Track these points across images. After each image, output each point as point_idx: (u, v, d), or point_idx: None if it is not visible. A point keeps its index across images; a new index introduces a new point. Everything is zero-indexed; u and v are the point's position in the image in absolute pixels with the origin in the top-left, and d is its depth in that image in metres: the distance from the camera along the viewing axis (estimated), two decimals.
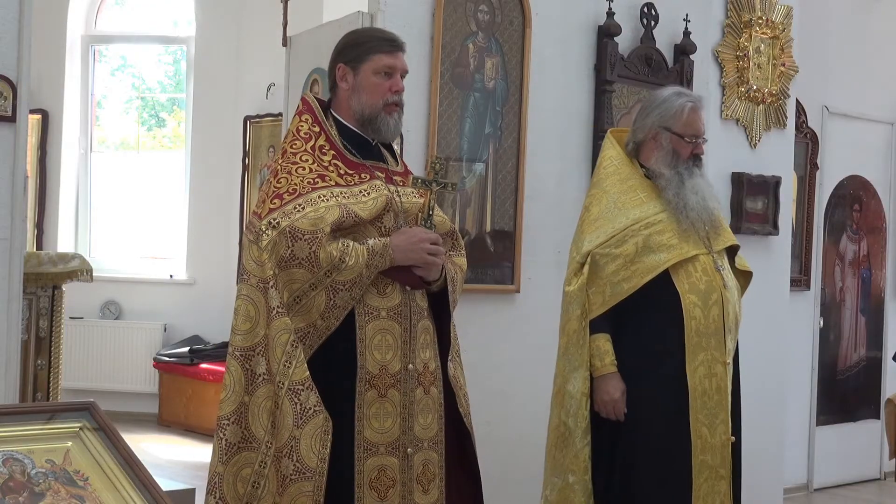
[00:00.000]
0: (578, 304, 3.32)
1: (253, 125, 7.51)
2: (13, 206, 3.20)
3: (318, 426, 2.56)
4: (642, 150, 3.46)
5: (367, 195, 2.72)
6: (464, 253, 2.99)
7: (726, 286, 3.36)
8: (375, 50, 2.80)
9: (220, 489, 2.62)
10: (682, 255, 3.31)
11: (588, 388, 3.31)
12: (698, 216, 3.35)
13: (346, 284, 2.61)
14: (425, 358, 2.77)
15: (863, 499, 6.15)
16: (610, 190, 3.41)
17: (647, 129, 3.42)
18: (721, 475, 3.33)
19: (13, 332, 3.24)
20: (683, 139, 3.38)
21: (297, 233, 2.58)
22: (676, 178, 3.36)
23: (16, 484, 1.77)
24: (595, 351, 3.30)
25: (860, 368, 6.53)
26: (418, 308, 2.77)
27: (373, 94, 2.78)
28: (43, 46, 7.11)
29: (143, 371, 7.52)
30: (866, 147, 6.60)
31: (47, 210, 7.70)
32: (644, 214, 3.34)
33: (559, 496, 3.36)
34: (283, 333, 2.58)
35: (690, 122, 3.38)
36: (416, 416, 2.73)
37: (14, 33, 3.20)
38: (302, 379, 2.57)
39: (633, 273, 3.29)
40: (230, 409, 2.62)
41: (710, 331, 3.31)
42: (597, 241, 3.34)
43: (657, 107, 3.42)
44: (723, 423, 3.33)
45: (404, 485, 2.71)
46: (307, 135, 2.76)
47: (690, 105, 3.39)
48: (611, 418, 3.31)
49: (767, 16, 5.25)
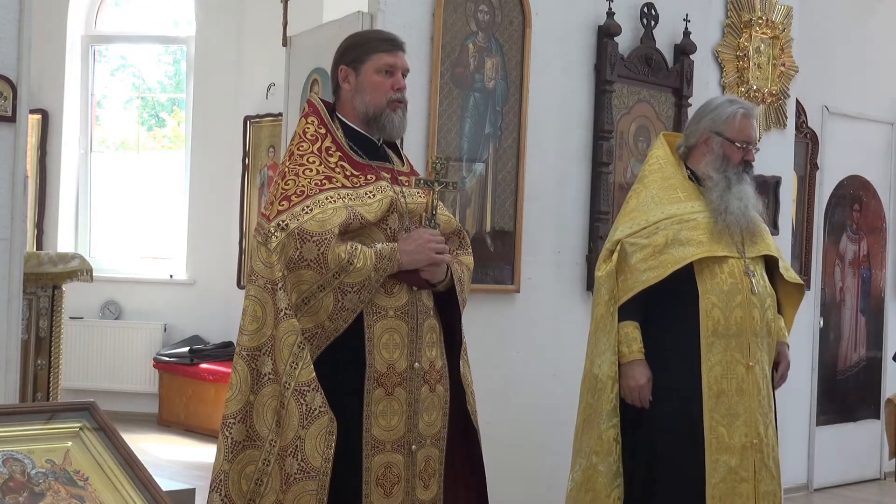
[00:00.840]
0: (607, 290, 3.40)
1: (253, 125, 7.51)
2: (13, 206, 3.20)
3: (322, 427, 2.59)
4: (693, 154, 3.53)
5: (372, 197, 2.74)
6: (470, 251, 3.03)
7: (754, 291, 3.39)
8: (376, 49, 2.83)
9: (226, 486, 2.65)
10: (710, 252, 3.36)
11: (615, 372, 3.36)
12: (736, 221, 3.40)
13: (354, 287, 2.63)
14: (431, 356, 2.80)
15: (863, 499, 6.15)
16: (650, 186, 3.50)
17: (699, 134, 3.49)
18: (742, 477, 3.34)
19: (13, 332, 3.24)
20: (735, 144, 3.44)
21: (305, 234, 2.60)
22: (724, 182, 3.42)
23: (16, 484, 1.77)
24: (623, 337, 3.37)
25: (860, 368, 6.53)
26: (425, 307, 2.80)
27: (375, 92, 2.81)
28: (43, 46, 7.13)
29: (143, 371, 7.52)
30: (866, 147, 6.60)
31: (47, 210, 7.70)
32: (680, 211, 3.41)
33: (583, 476, 3.42)
34: (290, 335, 2.60)
35: (742, 127, 3.45)
36: (420, 413, 2.76)
37: (14, 33, 3.20)
38: (308, 380, 2.60)
39: (660, 263, 3.35)
40: (236, 408, 2.65)
41: (731, 332, 3.35)
42: (628, 230, 3.43)
43: (709, 112, 3.50)
44: (744, 425, 3.35)
45: (407, 481, 2.75)
46: (313, 136, 2.79)
47: (742, 111, 3.47)
48: (636, 405, 3.37)
49: (767, 16, 5.25)
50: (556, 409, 4.42)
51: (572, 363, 3.99)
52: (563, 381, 4.36)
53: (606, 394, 3.36)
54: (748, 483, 3.36)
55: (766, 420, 3.42)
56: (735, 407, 3.35)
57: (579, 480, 3.43)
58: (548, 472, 4.38)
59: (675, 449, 3.35)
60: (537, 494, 4.43)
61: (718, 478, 3.32)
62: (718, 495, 3.32)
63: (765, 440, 3.41)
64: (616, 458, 3.35)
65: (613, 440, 3.36)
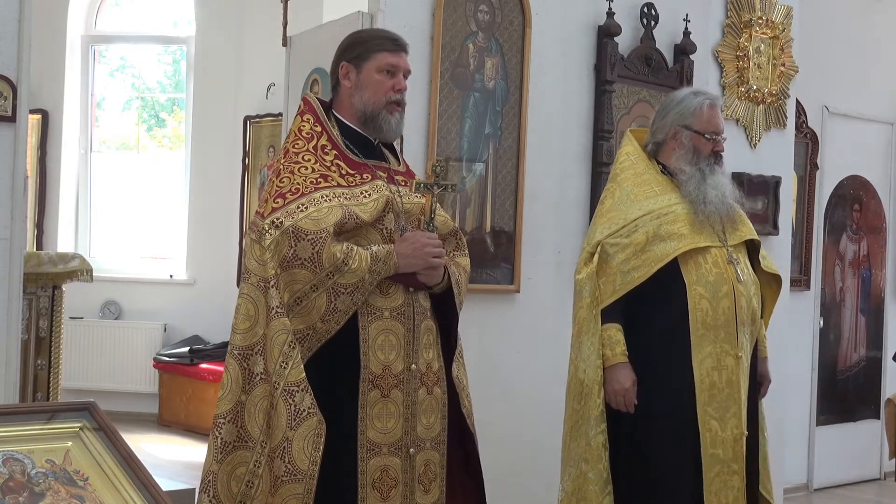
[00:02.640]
0: (588, 293, 3.35)
1: (253, 125, 7.51)
2: (13, 206, 3.20)
3: (311, 428, 2.56)
4: (662, 150, 3.50)
5: (368, 196, 2.71)
6: (467, 252, 3.00)
7: (740, 280, 3.36)
8: (379, 48, 2.80)
9: (214, 487, 2.61)
10: (693, 244, 3.33)
11: (600, 376, 3.32)
12: (716, 210, 3.37)
13: (347, 288, 2.60)
14: (428, 358, 2.77)
15: (863, 499, 6.15)
16: (624, 184, 3.46)
17: (667, 129, 3.46)
18: (734, 470, 3.33)
19: (13, 332, 3.24)
20: (703, 136, 3.42)
21: (300, 232, 2.57)
22: (698, 174, 3.40)
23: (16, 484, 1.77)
24: (606, 341, 3.32)
25: (860, 368, 6.53)
26: (421, 308, 2.77)
27: (375, 91, 2.78)
28: (43, 46, 7.12)
29: (143, 371, 7.52)
30: (866, 147, 6.60)
31: (47, 210, 7.70)
32: (657, 206, 3.37)
33: (573, 486, 3.37)
34: (281, 334, 2.57)
35: (710, 118, 3.43)
36: (418, 416, 2.73)
37: (14, 33, 3.20)
38: (297, 380, 2.56)
39: (644, 262, 3.31)
40: (227, 408, 2.61)
41: (720, 323, 3.32)
42: (607, 231, 3.38)
43: (675, 106, 3.47)
44: (734, 417, 3.33)
45: (406, 485, 2.71)
46: (309, 134, 2.76)
47: (708, 102, 3.44)
48: (621, 409, 3.32)
49: (767, 16, 5.25)
50: (556, 410, 4.40)
51: None
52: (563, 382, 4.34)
53: (593, 399, 3.31)
54: (738, 475, 3.34)
55: (753, 410, 3.42)
56: (726, 399, 3.32)
57: (570, 490, 3.38)
58: (547, 472, 4.37)
59: (670, 447, 3.32)
60: (537, 494, 4.43)
61: (714, 472, 3.31)
62: (714, 490, 3.31)
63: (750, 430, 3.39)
64: (606, 465, 3.31)
65: (602, 446, 3.31)
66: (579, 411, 3.37)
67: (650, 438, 3.33)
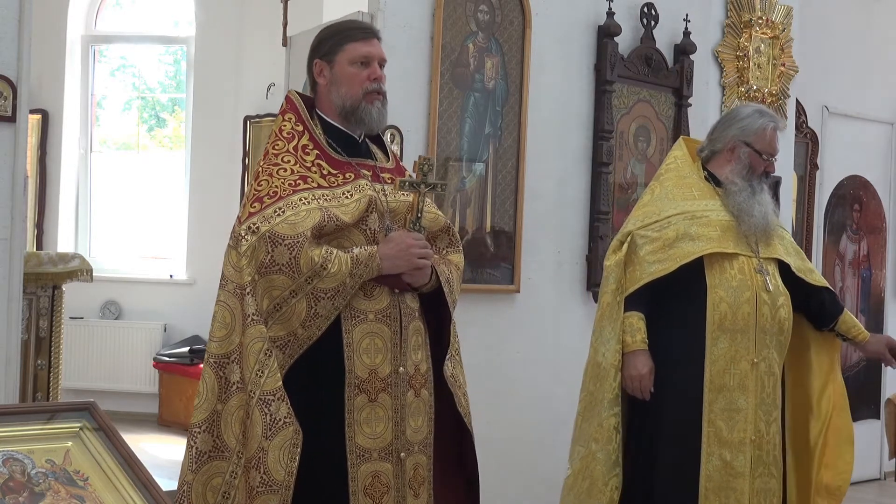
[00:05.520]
0: (614, 279, 3.43)
1: (253, 125, 7.51)
2: (13, 206, 3.20)
3: (287, 438, 2.49)
4: (716, 159, 3.58)
5: (349, 196, 2.64)
6: (460, 248, 2.91)
7: (767, 289, 3.42)
8: (348, 39, 2.72)
9: (189, 498, 2.54)
10: (720, 248, 3.40)
11: (618, 361, 3.38)
12: (757, 224, 3.45)
13: (327, 293, 2.53)
14: (417, 360, 2.69)
15: (863, 499, 6.14)
16: (666, 183, 3.57)
17: (727, 141, 3.55)
18: (738, 472, 3.35)
19: (13, 332, 3.24)
20: (761, 156, 3.52)
21: (276, 238, 2.51)
22: (748, 189, 3.49)
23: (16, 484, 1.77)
24: (628, 328, 3.39)
25: (860, 368, 6.53)
26: (409, 309, 2.69)
27: (351, 84, 2.70)
28: (43, 46, 7.12)
29: (143, 371, 7.51)
30: (866, 147, 6.60)
31: (47, 210, 7.69)
32: (692, 208, 3.46)
33: (581, 464, 3.42)
34: (256, 342, 2.51)
35: (771, 140, 3.54)
36: (407, 419, 2.66)
37: (14, 33, 3.20)
38: (273, 389, 2.49)
39: (669, 257, 3.39)
40: (202, 417, 2.56)
41: (738, 327, 3.38)
42: (640, 223, 3.48)
43: (739, 121, 3.55)
44: (744, 421, 3.37)
45: (398, 490, 2.64)
46: (290, 134, 2.68)
47: (773, 126, 3.55)
48: (636, 395, 3.38)
49: (767, 16, 5.25)
50: (556, 410, 4.42)
51: (572, 363, 3.99)
52: (563, 381, 4.36)
53: (609, 382, 3.38)
54: (744, 478, 3.36)
55: (768, 417, 3.42)
56: (736, 402, 3.37)
57: (577, 468, 3.44)
58: (547, 472, 4.37)
59: (673, 441, 3.37)
60: (537, 494, 4.43)
61: (711, 470, 3.34)
62: (712, 488, 3.34)
63: (766, 437, 3.41)
64: (616, 447, 3.36)
65: (614, 429, 3.36)
66: (594, 392, 3.43)
67: (656, 428, 3.38)
